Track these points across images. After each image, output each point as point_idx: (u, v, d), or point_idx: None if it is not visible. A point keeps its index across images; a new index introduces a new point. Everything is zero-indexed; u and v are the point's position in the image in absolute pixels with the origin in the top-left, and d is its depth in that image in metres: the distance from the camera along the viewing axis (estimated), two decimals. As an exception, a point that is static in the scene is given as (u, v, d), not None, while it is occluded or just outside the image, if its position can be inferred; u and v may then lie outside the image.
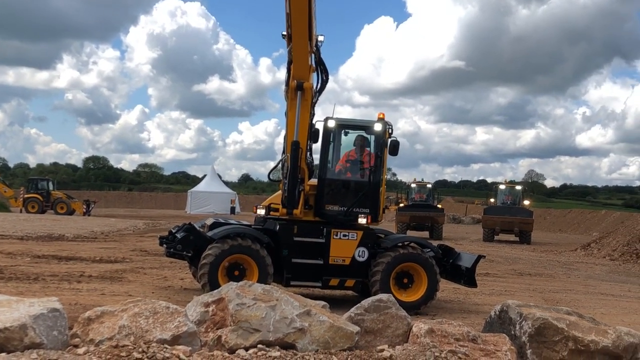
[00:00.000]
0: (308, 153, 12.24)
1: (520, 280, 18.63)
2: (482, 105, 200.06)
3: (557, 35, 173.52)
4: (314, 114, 12.30)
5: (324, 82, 12.43)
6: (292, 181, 11.77)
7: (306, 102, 11.92)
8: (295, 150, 11.75)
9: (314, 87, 12.18)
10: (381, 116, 12.44)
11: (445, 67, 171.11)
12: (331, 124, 12.33)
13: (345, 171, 12.76)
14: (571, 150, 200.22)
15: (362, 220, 12.06)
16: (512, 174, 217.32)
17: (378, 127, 12.27)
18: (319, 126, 12.38)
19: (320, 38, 12.19)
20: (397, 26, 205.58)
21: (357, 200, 12.16)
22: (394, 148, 12.25)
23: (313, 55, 12.09)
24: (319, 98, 12.43)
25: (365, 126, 12.70)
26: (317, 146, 12.43)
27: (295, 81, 11.80)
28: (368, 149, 12.58)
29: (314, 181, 12.32)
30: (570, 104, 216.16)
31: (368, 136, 12.66)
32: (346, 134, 12.84)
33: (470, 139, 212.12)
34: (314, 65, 12.15)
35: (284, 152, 12.19)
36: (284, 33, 11.91)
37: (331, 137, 12.47)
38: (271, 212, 12.19)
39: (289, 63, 12.02)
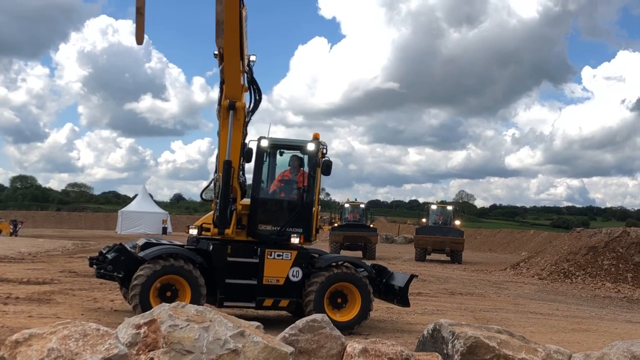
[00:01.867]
0: (241, 172, 12.22)
1: (451, 299, 18.86)
2: (414, 127, 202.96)
3: (488, 58, 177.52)
4: (246, 134, 12.30)
5: (257, 102, 12.45)
6: (224, 201, 11.73)
7: (238, 122, 11.92)
8: (227, 170, 11.72)
9: (247, 106, 12.18)
10: (316, 136, 12.51)
11: (380, 88, 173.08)
12: (264, 143, 12.34)
13: (278, 191, 12.76)
14: (501, 171, 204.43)
15: (294, 240, 12.06)
16: (443, 194, 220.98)
17: (311, 147, 12.34)
18: (253, 145, 12.38)
19: (252, 58, 12.22)
20: (331, 47, 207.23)
21: (290, 220, 12.17)
22: (327, 168, 12.30)
23: (245, 74, 12.12)
24: (252, 117, 12.44)
25: (298, 146, 12.75)
26: (250, 166, 12.43)
27: (228, 100, 11.81)
28: (303, 168, 12.62)
29: (247, 201, 12.29)
30: (500, 126, 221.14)
31: (303, 156, 12.70)
32: (280, 153, 12.88)
33: (403, 159, 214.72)
34: (246, 85, 12.17)
35: (216, 172, 12.13)
36: (216, 52, 11.89)
37: (264, 156, 12.48)
38: (203, 232, 12.10)
39: (222, 82, 12.01)
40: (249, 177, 12.56)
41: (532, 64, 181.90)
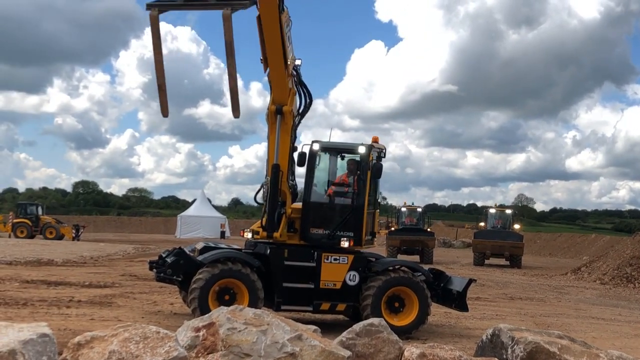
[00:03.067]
0: (291, 176, 12.27)
1: (511, 304, 18.63)
2: (472, 129, 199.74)
3: (547, 60, 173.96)
4: (295, 137, 12.34)
5: (307, 105, 12.51)
6: (272, 204, 11.86)
7: (286, 126, 12.01)
8: (275, 174, 11.85)
9: (295, 110, 12.25)
10: (375, 139, 12.51)
11: (437, 91, 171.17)
12: (316, 147, 12.38)
13: (329, 194, 12.76)
14: (561, 174, 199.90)
15: (344, 244, 12.03)
16: (502, 198, 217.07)
17: (362, 150, 12.30)
18: (306, 149, 12.42)
19: (298, 62, 12.27)
20: (388, 50, 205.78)
21: (340, 224, 12.15)
22: (378, 171, 12.26)
23: (293, 78, 12.18)
24: (304, 121, 12.58)
25: (349, 149, 12.72)
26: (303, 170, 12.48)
27: (275, 105, 11.91)
28: (354, 172, 12.53)
29: (299, 204, 12.33)
30: (561, 128, 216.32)
31: (353, 159, 12.64)
32: (332, 157, 12.87)
33: (461, 162, 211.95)
34: (294, 88, 12.23)
35: (267, 176, 12.21)
36: (262, 57, 11.99)
37: (316, 160, 12.48)
38: (254, 236, 12.21)
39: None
40: (302, 181, 12.61)
41: (594, 65, 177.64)
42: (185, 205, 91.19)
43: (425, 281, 12.30)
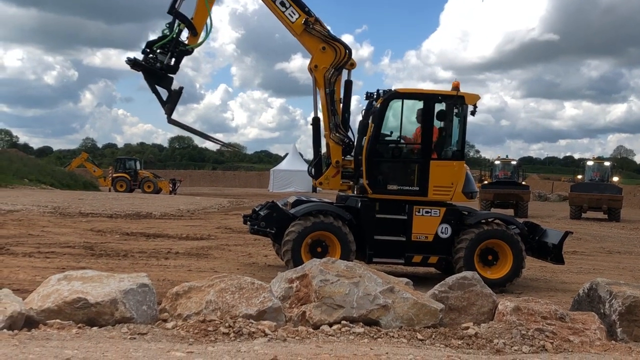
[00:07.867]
0: (335, 128, 12.37)
1: (609, 258, 18.17)
2: (571, 79, 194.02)
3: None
4: (333, 90, 12.41)
5: (343, 57, 12.43)
6: (314, 154, 12.71)
7: (317, 81, 12.50)
8: (315, 126, 12.61)
9: (328, 64, 12.38)
10: (455, 85, 12.17)
11: (536, 40, 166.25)
12: (365, 97, 12.90)
13: (366, 145, 12.65)
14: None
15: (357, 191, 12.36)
16: (600, 150, 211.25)
17: (374, 96, 12.60)
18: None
19: (301, 21, 12.42)
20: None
21: (359, 171, 12.25)
22: (374, 114, 12.14)
23: (318, 35, 12.40)
24: (341, 72, 12.57)
25: (378, 97, 12.57)
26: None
27: (310, 64, 12.57)
28: (431, 122, 12.19)
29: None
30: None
31: (428, 107, 12.26)
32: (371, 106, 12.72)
33: (558, 114, 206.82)
34: (321, 44, 12.43)
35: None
36: None
37: (370, 111, 12.55)
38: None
39: None
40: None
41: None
42: (278, 159, 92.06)
43: (519, 234, 12.11)
